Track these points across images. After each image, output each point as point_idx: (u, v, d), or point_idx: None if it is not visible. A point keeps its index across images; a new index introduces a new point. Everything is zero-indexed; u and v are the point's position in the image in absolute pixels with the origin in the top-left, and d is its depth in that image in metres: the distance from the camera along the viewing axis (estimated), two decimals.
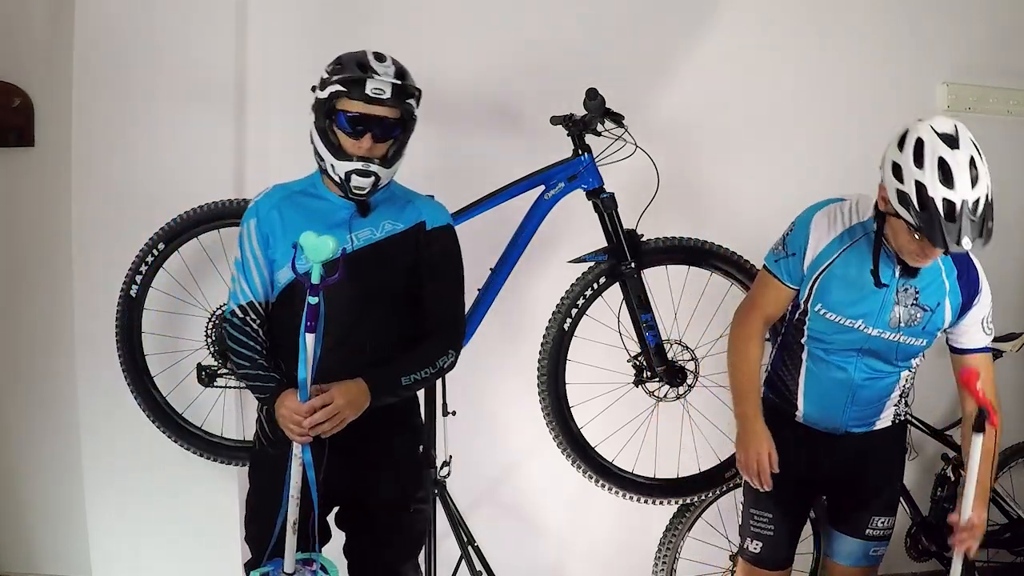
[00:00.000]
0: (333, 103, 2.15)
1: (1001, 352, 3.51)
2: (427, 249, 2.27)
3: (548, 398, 2.81)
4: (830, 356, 2.30)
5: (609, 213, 2.77)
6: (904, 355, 2.31)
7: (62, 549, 3.43)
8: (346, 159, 2.16)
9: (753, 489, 2.41)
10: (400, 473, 2.34)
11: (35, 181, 3.39)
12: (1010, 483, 3.53)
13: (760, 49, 3.40)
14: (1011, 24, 3.76)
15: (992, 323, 2.32)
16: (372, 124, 2.16)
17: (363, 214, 2.24)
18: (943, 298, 2.25)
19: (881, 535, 2.40)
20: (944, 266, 2.26)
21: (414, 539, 2.44)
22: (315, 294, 2.02)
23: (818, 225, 2.27)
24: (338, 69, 2.18)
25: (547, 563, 3.51)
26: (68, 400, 3.26)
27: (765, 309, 2.37)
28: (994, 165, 3.78)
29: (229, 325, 2.25)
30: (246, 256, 2.24)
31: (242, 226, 2.27)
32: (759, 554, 2.42)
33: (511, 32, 3.33)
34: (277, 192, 2.29)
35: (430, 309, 2.29)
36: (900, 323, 2.21)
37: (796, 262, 2.28)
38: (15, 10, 3.34)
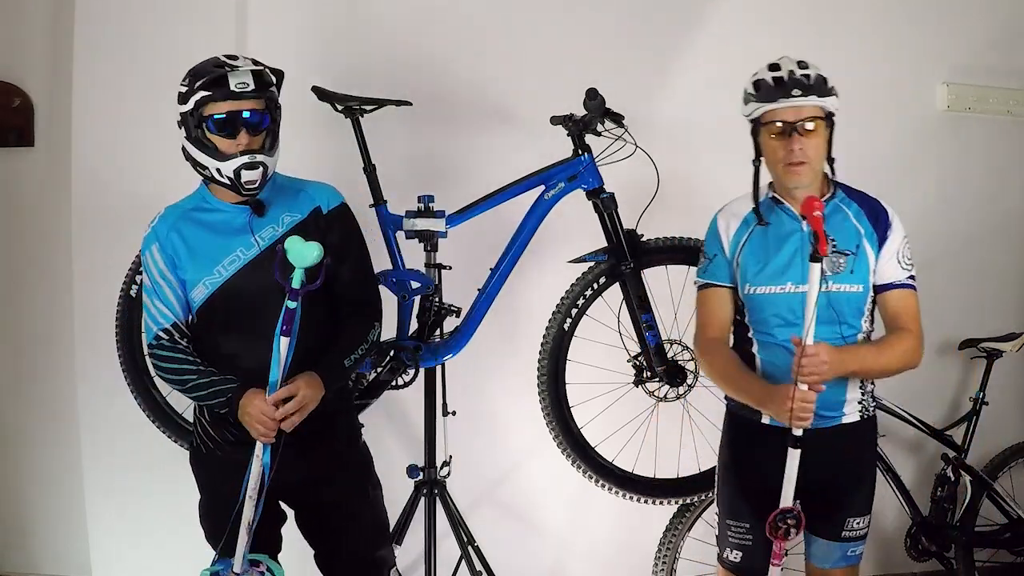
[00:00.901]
0: (200, 111, 2.16)
1: (1001, 352, 3.52)
2: (329, 232, 2.28)
3: (548, 398, 2.81)
4: (777, 338, 2.29)
5: (609, 213, 2.77)
6: (845, 310, 2.27)
7: (62, 549, 3.43)
8: (227, 158, 2.16)
9: (727, 501, 2.42)
10: (351, 462, 2.37)
11: (35, 181, 3.39)
12: (1010, 483, 3.53)
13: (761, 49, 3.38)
14: (1011, 24, 3.76)
15: (911, 258, 2.32)
16: (242, 120, 2.17)
17: (260, 214, 2.24)
18: (860, 240, 2.29)
19: (857, 536, 2.36)
20: (850, 210, 2.33)
21: (379, 524, 2.46)
22: (294, 299, 2.05)
23: (721, 223, 2.40)
24: (196, 77, 2.18)
25: (547, 563, 3.51)
26: (68, 400, 3.26)
27: (713, 317, 2.40)
28: (994, 165, 3.82)
29: (159, 350, 2.23)
30: (156, 281, 2.24)
31: (144, 254, 2.27)
32: (739, 563, 2.40)
33: (511, 32, 3.33)
34: (171, 214, 2.29)
35: (345, 289, 2.32)
36: (825, 272, 2.21)
37: (720, 260, 2.38)
38: (15, 10, 3.34)
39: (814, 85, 2.23)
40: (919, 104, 3.70)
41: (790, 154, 2.23)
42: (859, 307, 2.30)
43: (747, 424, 2.38)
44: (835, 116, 2.29)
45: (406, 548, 2.90)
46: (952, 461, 3.43)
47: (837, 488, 2.32)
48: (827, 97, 2.25)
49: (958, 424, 3.49)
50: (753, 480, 2.34)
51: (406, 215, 2.77)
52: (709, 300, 2.41)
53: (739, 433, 2.42)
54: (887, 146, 3.66)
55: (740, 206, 2.40)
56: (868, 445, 2.41)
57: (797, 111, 2.22)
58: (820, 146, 2.26)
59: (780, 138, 2.25)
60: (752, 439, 2.37)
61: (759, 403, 2.29)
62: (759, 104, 2.26)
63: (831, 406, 2.29)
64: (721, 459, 2.48)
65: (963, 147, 3.75)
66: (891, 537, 3.65)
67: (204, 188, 2.30)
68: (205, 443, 2.31)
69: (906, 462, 3.62)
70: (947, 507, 3.41)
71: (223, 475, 2.23)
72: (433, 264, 2.80)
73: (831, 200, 2.33)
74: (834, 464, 2.30)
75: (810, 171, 2.26)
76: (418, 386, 2.86)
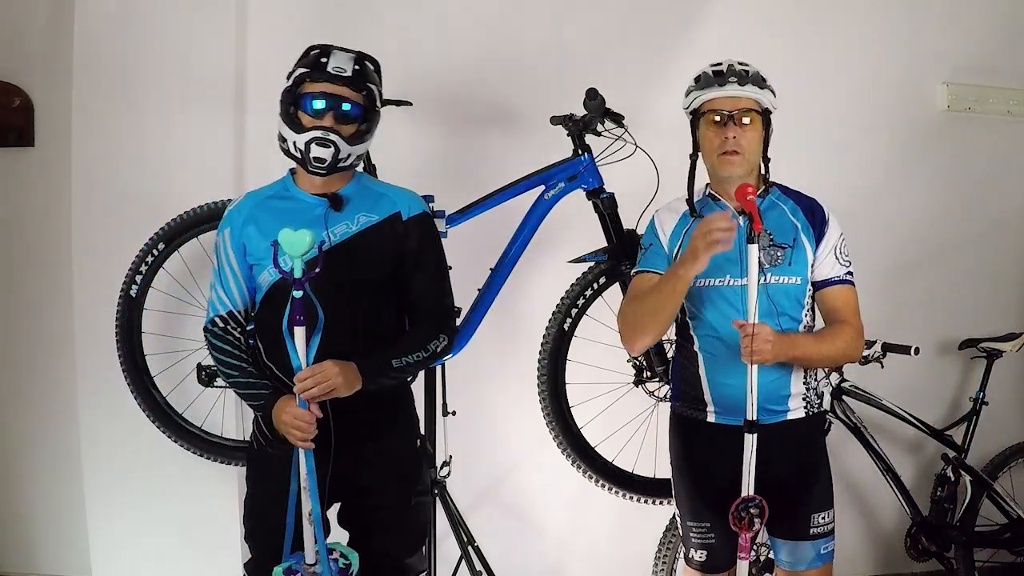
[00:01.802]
0: (298, 88, 2.20)
1: (1001, 352, 3.52)
2: (407, 239, 2.29)
3: (548, 398, 2.81)
4: (719, 333, 2.29)
5: (609, 213, 2.77)
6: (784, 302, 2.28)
7: (62, 549, 3.43)
8: (302, 131, 2.19)
9: (685, 503, 2.42)
10: (399, 469, 2.36)
11: (35, 181, 3.39)
12: (1010, 483, 3.53)
13: (760, 49, 3.37)
14: (1011, 24, 3.77)
15: (848, 255, 2.35)
16: (334, 102, 2.20)
17: (336, 209, 2.25)
18: (797, 234, 2.32)
19: (825, 531, 2.35)
20: (786, 206, 2.36)
21: (418, 532, 2.45)
22: (299, 288, 2.06)
23: (660, 219, 2.43)
24: (306, 56, 2.24)
25: (547, 563, 3.51)
26: (68, 400, 3.26)
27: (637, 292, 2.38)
28: (994, 165, 3.83)
29: (211, 335, 2.27)
30: (223, 266, 2.27)
31: (217, 236, 2.30)
32: (705, 562, 2.40)
33: (511, 32, 3.33)
34: (249, 199, 2.31)
35: (417, 298, 2.33)
36: (763, 265, 2.23)
37: (656, 249, 2.39)
38: (15, 10, 3.34)
39: (751, 77, 2.29)
40: (919, 104, 3.70)
41: (725, 142, 2.27)
42: (798, 299, 2.32)
43: (693, 424, 2.38)
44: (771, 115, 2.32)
45: None
46: (952, 461, 3.43)
47: (793, 485, 2.32)
48: (763, 91, 2.29)
49: (958, 424, 3.49)
50: (707, 479, 2.35)
51: None
52: (639, 284, 2.38)
53: (686, 434, 2.42)
54: (887, 146, 3.66)
55: (677, 204, 2.42)
56: (817, 440, 2.42)
57: (734, 101, 2.27)
58: (755, 140, 2.29)
59: (716, 127, 2.29)
60: (699, 439, 2.38)
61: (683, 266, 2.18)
62: (699, 92, 2.31)
63: (775, 400, 2.30)
64: (673, 462, 2.47)
65: (963, 147, 3.75)
66: (891, 537, 3.65)
67: (289, 176, 2.32)
68: (257, 439, 2.31)
69: (906, 462, 3.62)
70: (947, 507, 3.41)
71: (272, 472, 2.22)
72: None
73: (767, 196, 2.36)
74: (786, 461, 2.31)
75: (744, 162, 2.29)
76: (418, 386, 2.86)
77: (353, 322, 2.21)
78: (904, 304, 3.67)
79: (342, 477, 2.24)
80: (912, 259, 3.71)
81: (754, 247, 2.14)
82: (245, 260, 2.26)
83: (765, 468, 2.21)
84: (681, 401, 2.42)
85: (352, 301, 2.21)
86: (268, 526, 2.20)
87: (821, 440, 2.45)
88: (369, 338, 2.23)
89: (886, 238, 3.62)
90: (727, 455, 2.23)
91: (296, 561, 2.16)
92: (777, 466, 2.27)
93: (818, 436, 2.44)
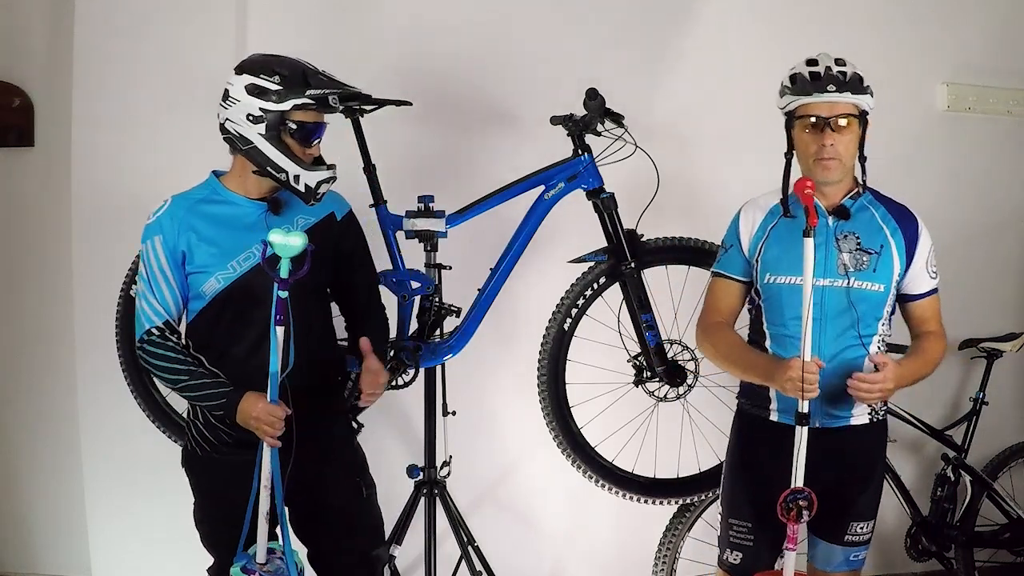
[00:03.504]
0: (290, 114, 2.17)
1: (1001, 352, 3.52)
2: (343, 240, 2.34)
3: (548, 398, 2.81)
4: (791, 330, 2.27)
5: (609, 213, 2.77)
6: (865, 308, 2.26)
7: (62, 549, 3.43)
8: (311, 168, 2.20)
9: (731, 498, 2.41)
10: (347, 463, 2.38)
11: (35, 181, 3.39)
12: (1010, 483, 3.53)
13: (760, 49, 3.40)
14: (1011, 24, 3.77)
15: (936, 266, 2.36)
16: (320, 130, 2.24)
17: (275, 212, 2.25)
18: (886, 240, 2.29)
19: (861, 541, 2.34)
20: (876, 211, 2.33)
21: (375, 524, 2.47)
22: (284, 288, 2.07)
23: (745, 216, 2.41)
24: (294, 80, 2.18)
25: (547, 563, 3.51)
26: (68, 400, 3.26)
27: (718, 306, 2.42)
28: (994, 165, 3.82)
29: (148, 345, 2.19)
30: (153, 274, 2.20)
31: (144, 244, 2.23)
32: (739, 565, 2.38)
33: (511, 32, 3.33)
34: (178, 205, 2.24)
35: (363, 296, 2.41)
36: (848, 268, 2.23)
37: (735, 252, 2.39)
38: (15, 10, 3.34)
39: (850, 82, 2.23)
40: (919, 104, 3.70)
41: (822, 149, 2.24)
42: (879, 307, 2.29)
43: (754, 421, 2.38)
44: (869, 115, 2.28)
45: (406, 548, 2.90)
46: (952, 461, 3.43)
47: (843, 491, 2.30)
48: (862, 95, 2.25)
49: (958, 424, 3.49)
50: (758, 479, 2.33)
51: (406, 215, 2.77)
52: (717, 288, 2.44)
53: (747, 431, 2.41)
54: (887, 146, 3.63)
55: (767, 199, 2.40)
56: (877, 449, 2.39)
57: (831, 106, 2.22)
58: (852, 143, 2.26)
59: (813, 132, 2.25)
60: (759, 437, 2.36)
61: (765, 375, 2.26)
62: (794, 97, 2.27)
63: (840, 406, 2.28)
64: (728, 458, 2.48)
65: (963, 147, 3.75)
66: (891, 537, 3.65)
67: (215, 179, 2.30)
68: (201, 446, 2.29)
69: (906, 462, 3.62)
70: (947, 507, 3.41)
71: (222, 478, 2.23)
72: (433, 264, 2.80)
73: (859, 198, 2.33)
74: (841, 466, 2.29)
75: (840, 167, 2.26)
76: (418, 386, 2.86)
77: (308, 324, 2.21)
78: None
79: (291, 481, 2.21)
80: None
81: (809, 241, 2.12)
82: (181, 268, 2.21)
83: (818, 470, 2.19)
84: (747, 397, 2.42)
85: (301, 304, 2.18)
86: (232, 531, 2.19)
87: (882, 449, 2.42)
88: (323, 339, 2.30)
89: None
90: (784, 456, 2.19)
91: (247, 560, 2.16)
92: (831, 470, 2.26)
93: (880, 444, 2.41)
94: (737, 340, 2.39)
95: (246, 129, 2.17)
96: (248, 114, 2.16)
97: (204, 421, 2.27)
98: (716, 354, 2.42)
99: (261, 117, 2.16)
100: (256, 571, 2.14)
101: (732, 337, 2.39)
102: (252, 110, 2.16)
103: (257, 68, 2.19)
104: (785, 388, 2.17)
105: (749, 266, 2.38)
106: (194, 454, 2.32)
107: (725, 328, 2.41)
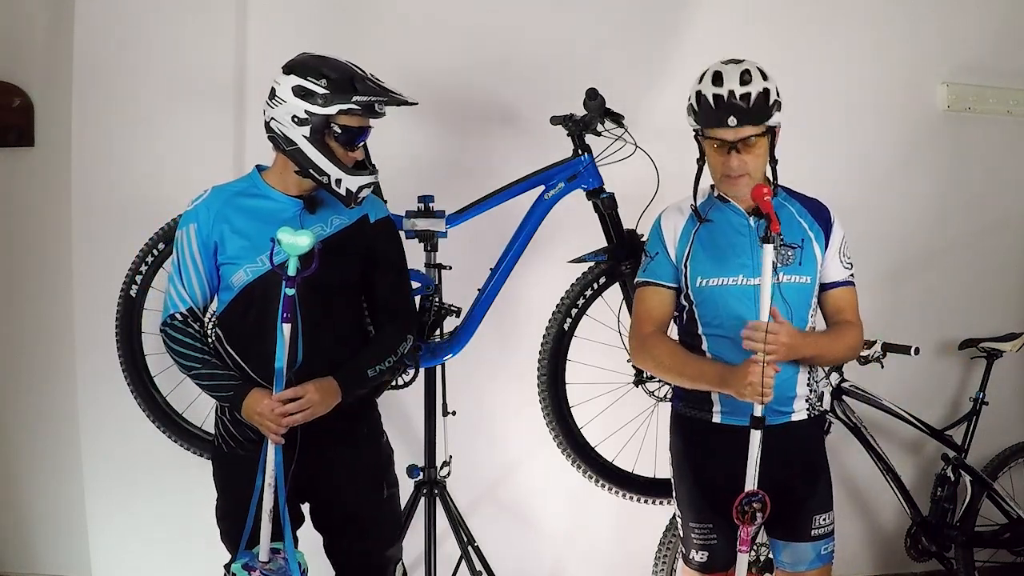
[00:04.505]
0: (335, 119, 2.17)
1: (1001, 352, 3.52)
2: (374, 241, 2.34)
3: (548, 398, 2.81)
4: (728, 331, 2.28)
5: (609, 213, 2.77)
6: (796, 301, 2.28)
7: (62, 549, 3.43)
8: (353, 172, 2.21)
9: (687, 503, 2.41)
10: (370, 463, 2.38)
11: (35, 181, 3.39)
12: (1010, 483, 3.53)
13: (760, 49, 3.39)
14: (1011, 24, 3.77)
15: (850, 257, 2.38)
16: (365, 134, 2.25)
17: (311, 211, 2.26)
18: (805, 234, 2.33)
19: (826, 532, 2.36)
20: (793, 208, 2.36)
21: (394, 525, 2.49)
22: (292, 286, 2.08)
23: (666, 222, 2.40)
24: (341, 85, 2.17)
25: (547, 563, 3.51)
26: (68, 400, 3.26)
27: (651, 315, 2.39)
28: (994, 165, 3.82)
29: (170, 329, 2.24)
30: (184, 261, 2.24)
31: (179, 231, 2.26)
32: (706, 563, 2.40)
33: (511, 32, 3.33)
34: (216, 196, 2.27)
35: (384, 299, 2.38)
36: (776, 264, 2.23)
37: (662, 259, 2.37)
38: (15, 10, 3.34)
39: (752, 109, 2.21)
40: (919, 104, 3.70)
41: (729, 168, 2.26)
42: (807, 299, 2.33)
43: (696, 424, 2.38)
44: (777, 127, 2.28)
45: (406, 548, 2.88)
46: (952, 461, 3.43)
47: (795, 487, 2.32)
48: (765, 119, 2.23)
49: (958, 424, 3.50)
50: (711, 479, 2.34)
51: (406, 215, 2.77)
52: (647, 297, 2.39)
53: (689, 434, 2.41)
54: (887, 146, 3.66)
55: (685, 204, 2.41)
56: (818, 442, 2.43)
57: (736, 131, 2.23)
58: (760, 157, 2.27)
59: (720, 152, 2.26)
60: (704, 439, 2.37)
61: (719, 382, 2.26)
62: (697, 125, 2.30)
63: (782, 401, 2.30)
64: (675, 462, 2.46)
65: (963, 147, 3.75)
66: (891, 537, 3.65)
67: (256, 174, 2.31)
68: (227, 441, 2.31)
69: (906, 462, 3.62)
70: (947, 507, 3.41)
71: (246, 474, 2.22)
72: (433, 264, 2.80)
73: (774, 199, 2.30)
74: (788, 463, 2.30)
75: (749, 181, 2.27)
76: (418, 386, 2.86)
77: (331, 322, 2.24)
78: (904, 304, 3.67)
79: (311, 478, 2.25)
80: (912, 259, 3.71)
81: (769, 247, 2.15)
82: (212, 258, 2.23)
83: (767, 469, 2.20)
84: (684, 401, 2.41)
85: (328, 302, 2.23)
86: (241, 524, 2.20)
87: (822, 442, 2.45)
88: (347, 338, 2.29)
89: (886, 238, 3.62)
90: (731, 455, 2.23)
91: (250, 558, 2.17)
92: (779, 468, 2.27)
93: (819, 437, 2.44)
94: (678, 349, 2.36)
95: (290, 130, 2.18)
96: (293, 116, 2.17)
97: (231, 418, 2.27)
98: (658, 366, 2.38)
99: (306, 120, 2.16)
100: (258, 569, 2.15)
101: (671, 346, 2.36)
102: (298, 112, 2.16)
103: (305, 70, 2.18)
104: (743, 394, 2.17)
105: (678, 271, 2.36)
106: (220, 450, 2.34)
107: (662, 337, 2.38)
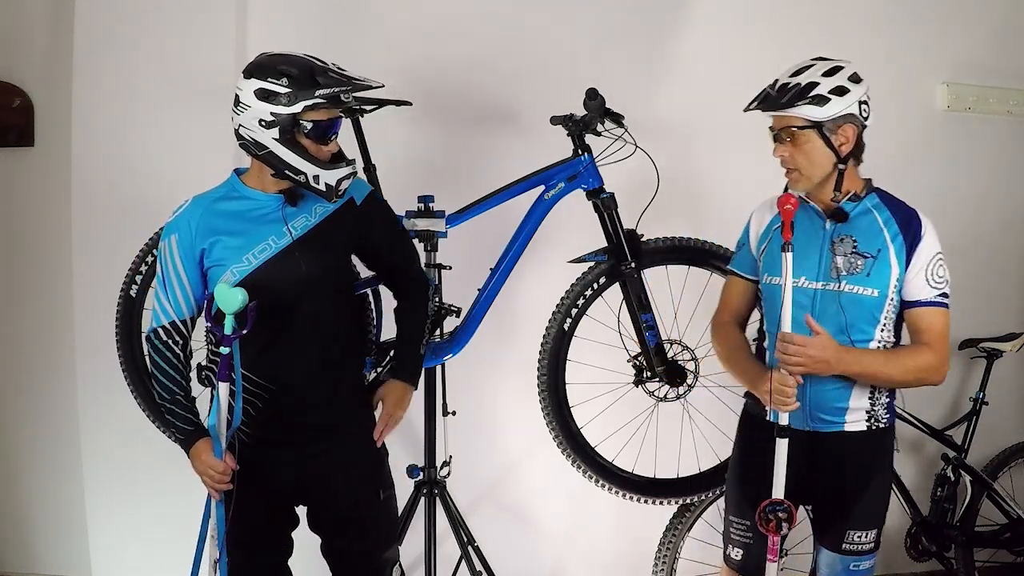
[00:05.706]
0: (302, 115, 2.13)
1: (1001, 352, 3.52)
2: (367, 224, 2.35)
3: (548, 398, 2.81)
4: None
5: (609, 213, 2.77)
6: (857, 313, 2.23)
7: (62, 549, 3.43)
8: (330, 167, 2.18)
9: (732, 496, 2.42)
10: (365, 464, 2.37)
11: (35, 181, 3.39)
12: (1010, 483, 3.53)
13: (761, 49, 3.40)
14: (1011, 24, 3.77)
15: (941, 277, 2.26)
16: (336, 125, 2.22)
17: (293, 204, 2.25)
18: (884, 245, 2.25)
19: (859, 550, 2.29)
20: (880, 215, 2.28)
21: (391, 525, 2.48)
22: (227, 345, 2.07)
23: (756, 215, 2.46)
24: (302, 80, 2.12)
25: (547, 563, 3.51)
26: (68, 400, 3.26)
27: (728, 304, 2.50)
28: (994, 165, 3.82)
29: (151, 345, 2.24)
30: (167, 273, 2.22)
31: (162, 243, 2.24)
32: (740, 561, 2.39)
33: (511, 32, 3.33)
34: (197, 204, 2.25)
35: (399, 271, 2.48)
36: (841, 271, 2.22)
37: (745, 251, 2.45)
38: (15, 10, 3.34)
39: (776, 95, 2.23)
40: (919, 104, 3.70)
41: (779, 158, 2.29)
42: (872, 313, 2.24)
43: (755, 420, 2.40)
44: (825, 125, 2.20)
45: (406, 548, 2.89)
46: (952, 461, 3.43)
47: (840, 498, 2.29)
48: (792, 108, 2.19)
49: (958, 424, 3.50)
50: (755, 479, 2.33)
51: (406, 215, 2.77)
52: (730, 286, 2.50)
53: (749, 430, 2.44)
54: (887, 146, 3.63)
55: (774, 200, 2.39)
56: (876, 458, 2.33)
57: (778, 119, 2.26)
58: (810, 153, 2.23)
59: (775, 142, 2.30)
60: (759, 436, 2.36)
61: (751, 384, 2.34)
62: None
63: (829, 411, 2.27)
64: (732, 456, 2.51)
65: (963, 147, 3.75)
66: (891, 537, 3.64)
67: (235, 178, 2.29)
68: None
69: (906, 462, 3.62)
70: (947, 507, 3.41)
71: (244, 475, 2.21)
72: (433, 264, 2.80)
73: (860, 201, 2.29)
74: (837, 472, 2.28)
75: (801, 177, 2.26)
76: (418, 386, 2.86)
77: (328, 312, 2.24)
78: None
79: (306, 480, 2.26)
80: None
81: (788, 256, 2.14)
82: (198, 266, 2.21)
83: (816, 474, 2.20)
84: (749, 395, 2.43)
85: (323, 291, 2.22)
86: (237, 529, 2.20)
87: (880, 458, 2.35)
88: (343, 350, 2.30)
89: None
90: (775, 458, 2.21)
91: None
92: (827, 475, 2.26)
93: (878, 453, 2.34)
94: (739, 342, 2.43)
95: (259, 134, 2.15)
96: (260, 119, 2.13)
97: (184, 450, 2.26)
98: (719, 356, 2.48)
99: (273, 121, 2.13)
100: None
101: (736, 339, 2.44)
102: (263, 115, 2.12)
103: (264, 71, 2.14)
104: (765, 400, 2.22)
105: (756, 265, 2.41)
106: None
107: (730, 329, 2.46)
